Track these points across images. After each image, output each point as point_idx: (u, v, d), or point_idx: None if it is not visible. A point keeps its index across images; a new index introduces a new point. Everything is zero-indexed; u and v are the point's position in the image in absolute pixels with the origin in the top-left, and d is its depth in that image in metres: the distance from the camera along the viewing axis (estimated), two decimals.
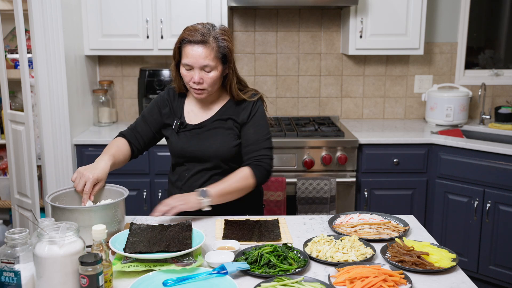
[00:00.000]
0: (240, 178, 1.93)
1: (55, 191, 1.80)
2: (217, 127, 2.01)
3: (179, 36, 1.93)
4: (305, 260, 1.57)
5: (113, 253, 1.58)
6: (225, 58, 1.92)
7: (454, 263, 1.56)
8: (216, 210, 1.94)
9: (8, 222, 3.74)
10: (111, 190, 1.85)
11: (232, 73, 1.97)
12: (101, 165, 1.84)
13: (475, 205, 3.09)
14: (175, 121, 2.05)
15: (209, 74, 1.90)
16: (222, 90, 2.04)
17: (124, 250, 1.54)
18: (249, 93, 2.04)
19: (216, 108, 2.04)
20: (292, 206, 3.17)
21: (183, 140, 2.03)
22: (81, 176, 1.78)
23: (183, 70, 1.93)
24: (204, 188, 1.88)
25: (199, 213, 1.92)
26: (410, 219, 1.97)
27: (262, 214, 2.21)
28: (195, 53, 1.87)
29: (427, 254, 1.58)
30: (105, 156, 1.91)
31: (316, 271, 1.55)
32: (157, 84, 3.36)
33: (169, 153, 2.16)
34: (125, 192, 1.81)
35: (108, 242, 1.57)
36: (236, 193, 1.94)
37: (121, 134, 2.11)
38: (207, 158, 2.00)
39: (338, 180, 3.14)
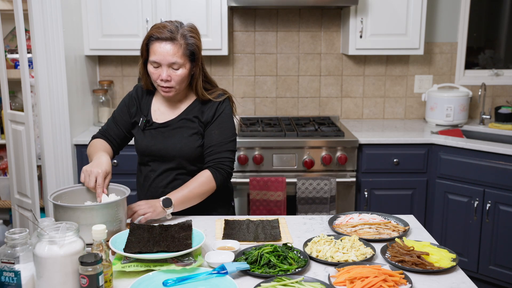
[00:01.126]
0: (202, 183, 1.93)
1: (57, 190, 1.80)
2: (182, 126, 2.00)
3: (146, 33, 1.92)
4: (305, 260, 1.57)
5: (113, 253, 1.58)
6: (193, 56, 1.91)
7: (454, 263, 1.56)
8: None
9: (8, 222, 3.74)
10: (112, 189, 1.85)
11: (199, 71, 1.95)
12: (104, 160, 1.85)
13: (475, 205, 3.09)
14: (141, 119, 2.03)
15: (177, 71, 1.89)
16: (189, 89, 2.02)
17: (124, 250, 1.54)
18: (216, 93, 2.02)
19: (183, 107, 2.03)
20: (292, 206, 3.17)
21: (148, 138, 2.02)
22: (90, 173, 1.79)
23: (150, 68, 1.91)
24: (167, 197, 1.87)
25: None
26: (410, 219, 1.97)
27: (232, 212, 2.20)
28: (163, 50, 1.85)
29: (427, 254, 1.58)
30: (101, 152, 1.91)
31: (316, 271, 1.55)
32: None
33: (132, 153, 2.15)
34: (127, 191, 1.81)
35: (108, 241, 1.57)
36: (198, 198, 1.94)
37: (95, 137, 2.10)
38: (171, 158, 1.99)
39: (338, 180, 3.14)
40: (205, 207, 2.02)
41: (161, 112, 2.04)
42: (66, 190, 1.82)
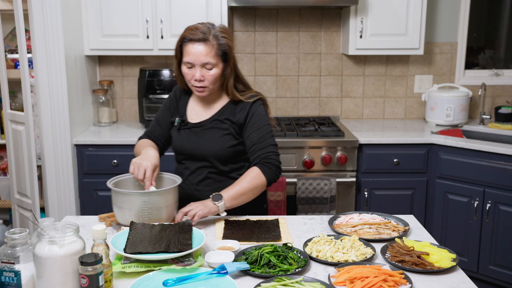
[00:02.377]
0: (251, 178, 1.94)
1: (115, 178, 1.95)
2: (214, 127, 2.04)
3: (180, 35, 1.96)
4: (305, 260, 1.57)
5: None
6: (225, 56, 1.95)
7: (454, 263, 1.56)
8: None
9: (8, 222, 3.74)
10: (164, 178, 1.96)
11: (230, 71, 1.98)
12: (152, 153, 1.93)
13: (475, 205, 3.09)
14: (176, 118, 2.09)
15: (210, 71, 1.93)
16: (223, 90, 2.06)
17: (125, 250, 1.54)
18: (248, 94, 2.05)
19: (216, 108, 2.06)
20: (292, 206, 3.17)
21: (183, 137, 2.07)
22: (139, 166, 1.87)
23: (184, 69, 1.96)
24: (217, 193, 1.90)
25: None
26: (410, 219, 1.97)
27: (264, 214, 2.21)
28: (196, 51, 1.90)
29: (427, 254, 1.58)
30: (148, 147, 1.99)
31: (316, 271, 1.55)
32: (157, 84, 3.36)
33: (167, 153, 2.19)
34: (178, 180, 1.90)
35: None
36: (250, 193, 1.95)
37: (141, 138, 2.17)
38: (202, 157, 2.03)
39: (338, 180, 3.14)
40: (236, 208, 2.04)
41: (196, 112, 2.09)
42: (121, 178, 1.96)
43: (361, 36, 3.39)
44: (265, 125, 2.03)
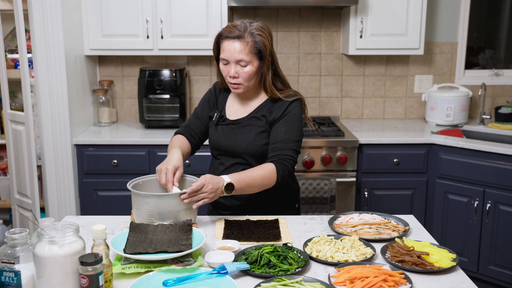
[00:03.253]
0: (264, 173, 1.91)
1: (135, 180, 1.92)
2: (251, 125, 2.04)
3: (217, 33, 1.98)
4: (305, 260, 1.57)
5: None
6: (261, 54, 1.94)
7: (454, 263, 1.56)
8: (247, 209, 2.02)
9: (8, 222, 3.74)
10: (188, 181, 1.96)
11: (266, 69, 1.97)
12: (174, 155, 1.94)
13: (475, 205, 3.09)
14: (215, 114, 2.10)
15: (244, 68, 1.94)
16: (261, 88, 2.06)
17: (124, 251, 1.54)
18: (287, 93, 2.04)
19: (254, 105, 2.07)
20: None
21: (220, 133, 2.08)
22: (160, 171, 1.88)
23: (221, 65, 1.98)
24: (230, 182, 1.84)
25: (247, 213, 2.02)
26: (410, 219, 1.97)
27: (297, 214, 2.20)
28: (231, 48, 1.92)
29: (427, 254, 1.58)
30: (174, 149, 2.00)
31: (316, 271, 1.55)
32: (157, 84, 3.36)
33: (204, 154, 2.20)
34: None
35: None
36: (257, 188, 1.93)
37: (177, 133, 2.17)
38: (238, 154, 2.04)
39: (338, 180, 3.14)
40: (269, 208, 2.06)
41: (234, 109, 2.09)
42: (144, 179, 1.95)
43: (361, 36, 3.39)
44: (295, 128, 2.01)
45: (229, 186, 1.83)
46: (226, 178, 1.84)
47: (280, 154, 1.96)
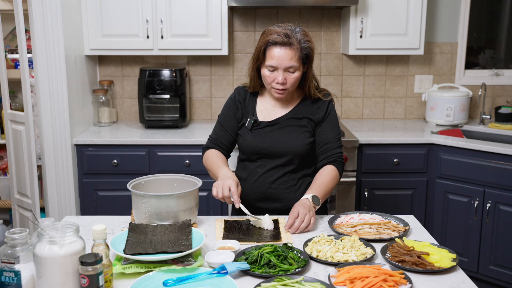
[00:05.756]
0: (332, 178, 2.02)
1: (137, 179, 1.91)
2: (292, 125, 2.07)
3: (261, 39, 1.97)
4: (305, 260, 1.57)
5: None
6: (307, 59, 1.98)
7: (454, 263, 1.56)
8: (277, 209, 2.04)
9: (8, 222, 3.74)
10: (184, 180, 1.94)
11: (311, 73, 2.04)
12: (229, 173, 1.96)
13: (475, 205, 3.09)
14: (248, 119, 2.10)
15: (292, 74, 1.96)
16: (299, 89, 2.10)
17: (124, 251, 1.54)
18: (323, 92, 2.11)
19: (290, 106, 2.09)
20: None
21: (257, 138, 2.08)
22: (221, 186, 1.87)
23: (265, 71, 1.98)
24: (315, 195, 1.92)
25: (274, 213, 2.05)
26: (410, 219, 1.97)
27: (325, 211, 2.23)
28: (281, 55, 1.93)
29: (427, 254, 1.58)
30: (223, 167, 2.00)
31: (316, 271, 1.55)
32: (157, 84, 3.36)
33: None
34: (199, 182, 1.88)
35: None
36: (330, 191, 2.02)
37: (208, 147, 2.17)
38: (282, 155, 2.05)
39: None
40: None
41: (267, 111, 2.11)
42: (144, 179, 1.94)
43: (361, 36, 3.39)
44: (337, 126, 2.11)
45: (315, 199, 1.91)
46: (308, 196, 1.92)
47: (334, 154, 2.06)
